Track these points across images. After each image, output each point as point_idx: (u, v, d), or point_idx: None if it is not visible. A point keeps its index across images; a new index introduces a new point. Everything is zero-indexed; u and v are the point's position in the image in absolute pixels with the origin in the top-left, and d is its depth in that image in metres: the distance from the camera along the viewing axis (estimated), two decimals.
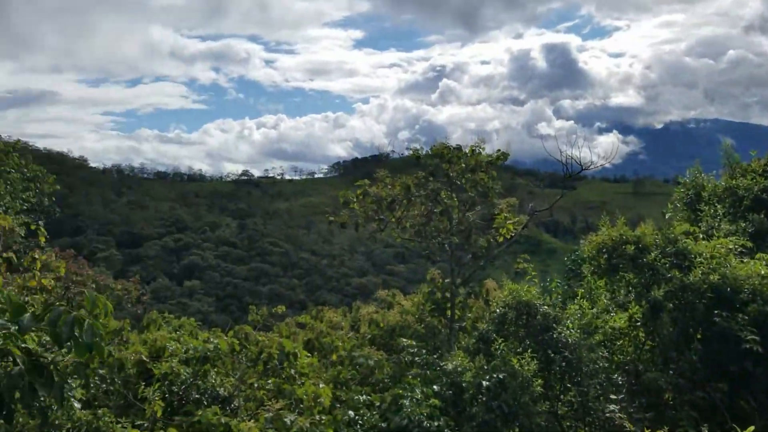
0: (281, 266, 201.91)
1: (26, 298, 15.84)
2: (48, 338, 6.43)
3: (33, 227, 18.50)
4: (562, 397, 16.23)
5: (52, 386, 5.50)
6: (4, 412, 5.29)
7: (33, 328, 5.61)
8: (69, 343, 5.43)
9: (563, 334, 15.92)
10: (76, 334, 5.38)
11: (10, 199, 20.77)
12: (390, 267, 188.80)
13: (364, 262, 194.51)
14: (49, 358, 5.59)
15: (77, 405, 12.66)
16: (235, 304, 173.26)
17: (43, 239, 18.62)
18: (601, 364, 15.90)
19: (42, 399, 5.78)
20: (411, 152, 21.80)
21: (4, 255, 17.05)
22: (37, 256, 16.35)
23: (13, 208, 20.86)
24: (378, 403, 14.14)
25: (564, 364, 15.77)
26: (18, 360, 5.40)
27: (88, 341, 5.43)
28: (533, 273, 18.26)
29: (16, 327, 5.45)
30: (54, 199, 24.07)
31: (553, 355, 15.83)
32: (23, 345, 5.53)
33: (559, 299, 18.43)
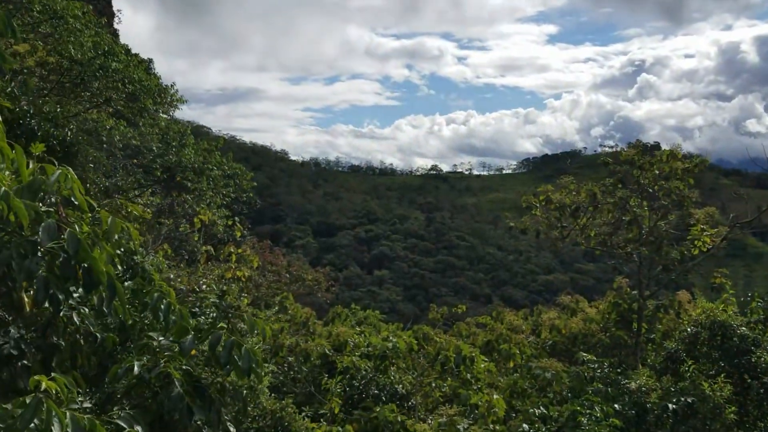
0: (467, 260, 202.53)
1: (224, 287, 17.07)
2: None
3: (230, 223, 20.00)
4: (759, 425, 14.99)
5: (210, 409, 5.69)
6: None
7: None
8: (228, 366, 5.64)
9: (763, 359, 14.70)
10: (235, 357, 5.58)
11: (212, 195, 22.50)
12: (578, 265, 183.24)
13: (552, 259, 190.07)
14: (210, 380, 5.88)
15: (266, 392, 13.60)
16: (422, 295, 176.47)
17: (239, 234, 20.10)
18: None
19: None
20: (604, 150, 20.99)
21: (205, 248, 18.64)
22: (233, 250, 17.68)
23: (214, 203, 22.59)
24: (555, 416, 13.83)
25: (762, 390, 14.58)
26: (177, 383, 5.59)
27: (245, 366, 5.65)
28: (731, 291, 16.95)
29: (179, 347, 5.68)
30: (252, 195, 25.75)
31: (750, 380, 14.68)
32: (184, 366, 5.80)
33: (760, 319, 16.99)
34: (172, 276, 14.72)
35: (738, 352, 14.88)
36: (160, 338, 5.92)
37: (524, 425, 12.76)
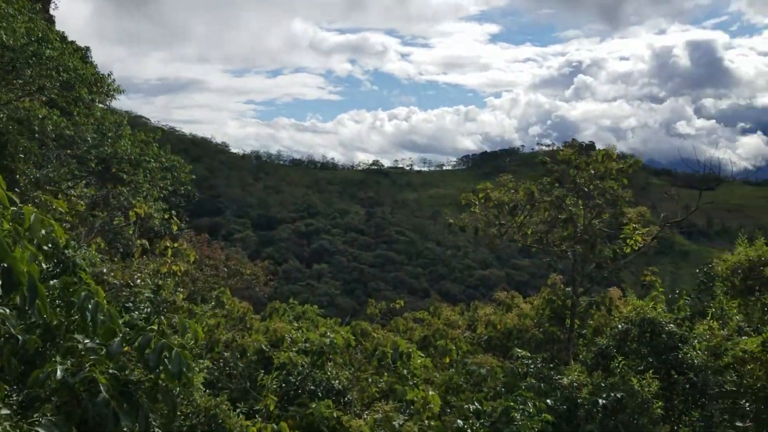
0: (406, 254, 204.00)
1: (159, 282, 16.74)
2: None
3: (167, 216, 19.62)
4: (684, 419, 15.49)
5: (137, 414, 5.51)
6: None
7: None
8: (158, 370, 5.47)
9: (689, 355, 15.19)
10: (165, 360, 5.41)
11: (149, 188, 22.03)
12: (514, 261, 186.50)
13: (488, 255, 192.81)
14: (140, 380, 5.65)
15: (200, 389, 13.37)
16: (361, 289, 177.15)
17: (175, 227, 19.71)
18: (728, 388, 15.05)
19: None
20: (542, 148, 21.31)
21: (140, 241, 18.24)
22: (168, 244, 17.35)
23: (151, 195, 22.12)
24: (489, 411, 14.00)
25: (688, 386, 15.07)
26: (103, 388, 5.39)
27: (175, 370, 5.48)
28: (660, 289, 17.46)
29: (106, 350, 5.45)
30: (190, 187, 25.31)
31: (676, 376, 15.15)
32: (111, 370, 5.59)
33: (687, 316, 17.56)
34: (105, 270, 14.36)
35: (666, 349, 15.32)
36: (86, 341, 5.70)
37: (459, 421, 12.88)
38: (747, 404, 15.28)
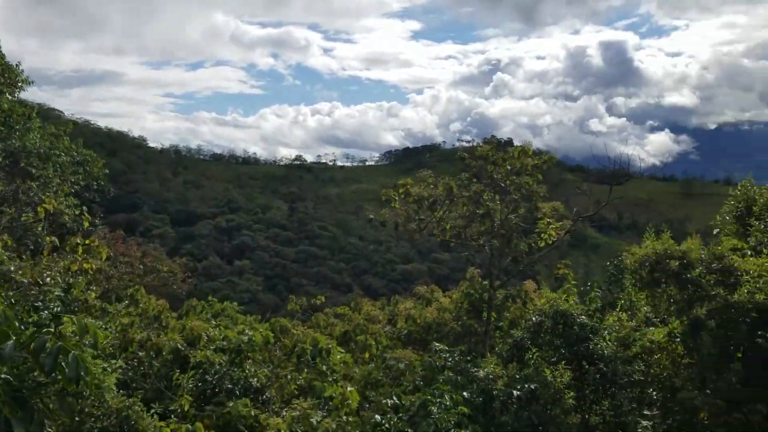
0: (329, 250, 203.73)
1: (70, 280, 16.21)
2: None
3: (78, 212, 18.97)
4: (594, 409, 15.99)
5: (31, 422, 5.25)
6: None
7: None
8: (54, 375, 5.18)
9: (599, 346, 15.66)
10: (62, 363, 5.14)
11: (59, 182, 21.26)
12: (435, 255, 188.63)
13: (410, 249, 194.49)
14: (36, 384, 5.39)
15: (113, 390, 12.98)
16: (283, 284, 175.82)
17: (87, 224, 19.07)
18: (636, 378, 15.61)
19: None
20: (462, 144, 21.56)
21: (49, 238, 17.54)
22: (79, 241, 16.73)
23: (62, 190, 21.35)
24: (407, 405, 14.09)
25: (598, 376, 15.53)
26: None
27: (72, 375, 5.22)
28: (573, 281, 17.97)
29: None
30: (104, 182, 24.55)
31: (587, 366, 15.60)
32: (3, 375, 5.31)
33: (598, 308, 18.12)
34: (12, 268, 13.75)
35: (577, 340, 15.74)
36: None
37: (376, 416, 12.90)
38: (654, 393, 15.90)
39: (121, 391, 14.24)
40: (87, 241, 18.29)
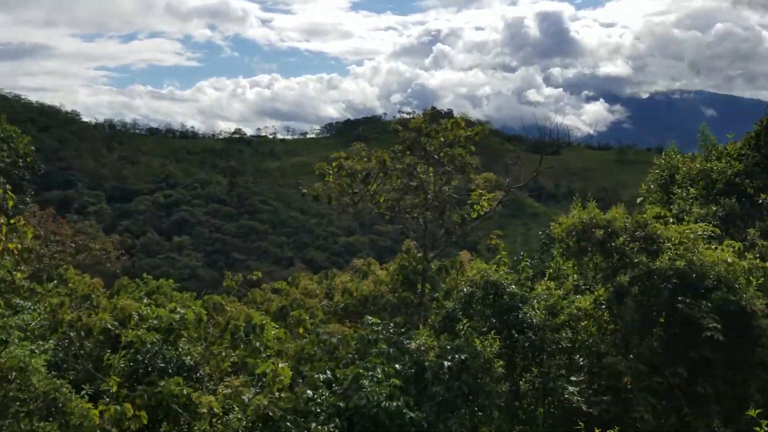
0: (270, 224, 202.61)
1: None
2: None
3: (1, 191, 18.34)
4: (524, 376, 16.40)
5: None
6: None
7: None
8: None
9: (528, 315, 15.99)
10: None
11: None
12: (377, 227, 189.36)
13: (352, 221, 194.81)
14: None
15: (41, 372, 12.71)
16: (223, 260, 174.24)
17: (11, 203, 18.48)
18: (563, 345, 16.04)
19: None
20: (402, 116, 21.54)
21: None
22: (3, 221, 16.19)
23: None
24: (341, 379, 14.20)
25: (527, 344, 15.90)
26: None
27: None
28: (504, 252, 18.27)
29: None
30: (32, 159, 23.77)
31: (517, 335, 15.94)
32: None
33: (529, 277, 18.50)
34: None
35: (507, 309, 16.06)
36: None
37: (309, 391, 12.99)
38: (581, 359, 16.40)
39: (51, 372, 13.97)
40: (12, 221, 17.72)
